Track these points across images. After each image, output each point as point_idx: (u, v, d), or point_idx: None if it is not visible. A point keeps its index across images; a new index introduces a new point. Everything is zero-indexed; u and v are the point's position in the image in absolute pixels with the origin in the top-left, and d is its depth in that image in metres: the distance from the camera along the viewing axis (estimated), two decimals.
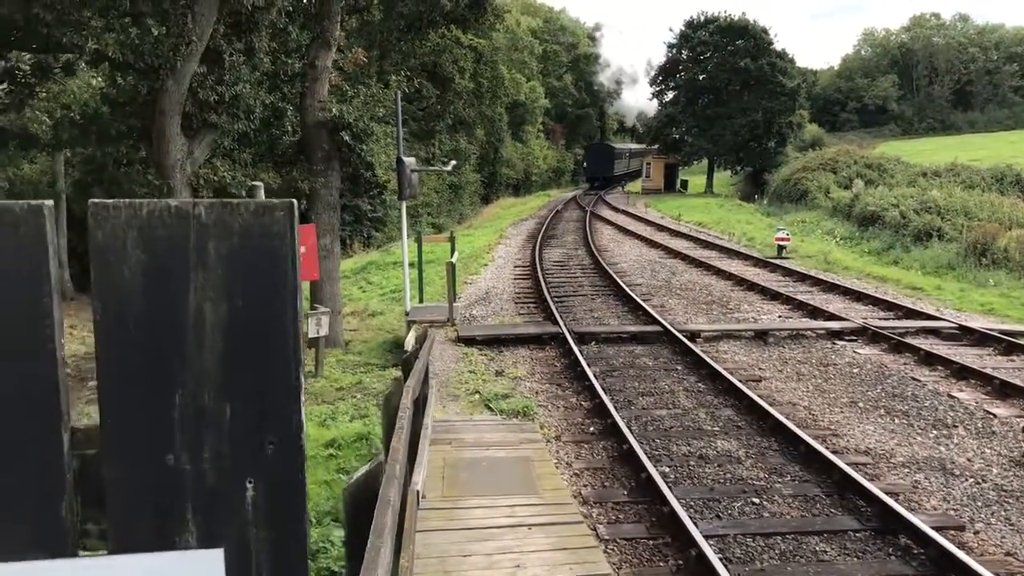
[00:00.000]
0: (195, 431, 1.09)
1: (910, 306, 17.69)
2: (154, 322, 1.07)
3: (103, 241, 1.04)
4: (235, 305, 1.08)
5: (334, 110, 16.67)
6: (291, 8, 17.71)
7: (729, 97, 64.34)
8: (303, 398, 1.12)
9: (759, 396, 11.18)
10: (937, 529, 7.16)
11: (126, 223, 1.04)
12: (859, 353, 14.10)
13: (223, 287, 1.07)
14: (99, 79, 20.19)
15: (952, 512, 7.96)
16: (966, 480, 8.73)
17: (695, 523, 7.29)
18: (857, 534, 7.40)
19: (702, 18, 67.61)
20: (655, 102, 75.48)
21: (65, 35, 12.61)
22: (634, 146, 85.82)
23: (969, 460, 9.32)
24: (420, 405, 6.67)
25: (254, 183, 7.72)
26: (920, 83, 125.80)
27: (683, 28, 68.63)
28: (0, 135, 16.36)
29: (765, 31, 64.30)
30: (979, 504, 8.13)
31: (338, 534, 7.29)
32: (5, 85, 15.71)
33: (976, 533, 7.53)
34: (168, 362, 1.07)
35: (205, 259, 1.07)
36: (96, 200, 1.05)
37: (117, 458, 1.08)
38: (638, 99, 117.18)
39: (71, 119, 15.98)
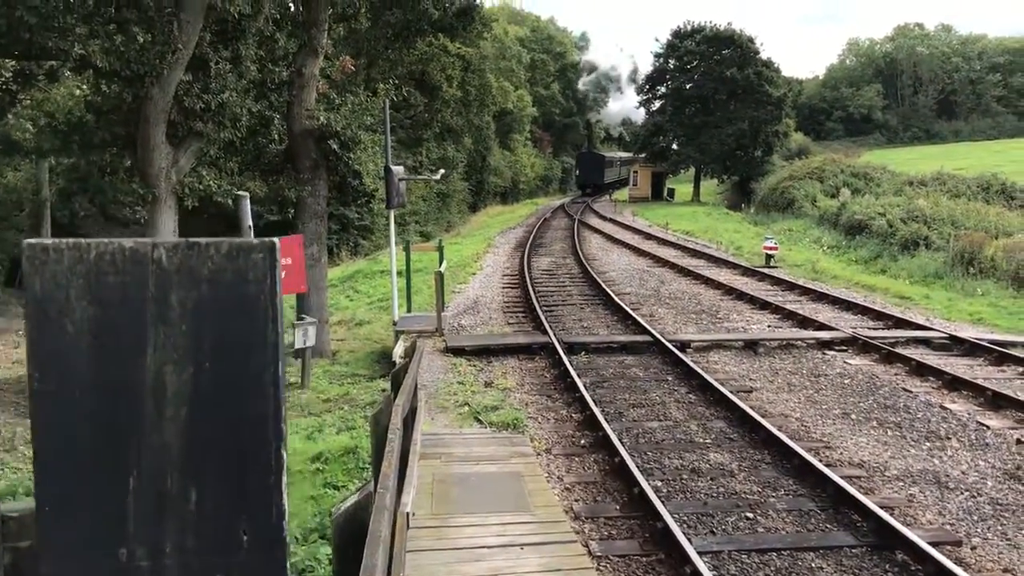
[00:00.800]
0: (154, 521, 0.88)
1: (899, 315, 17.66)
2: (104, 389, 0.86)
3: (42, 291, 0.84)
4: (202, 367, 0.88)
5: (321, 118, 16.54)
6: (278, 16, 17.58)
7: (716, 106, 64.47)
8: (285, 477, 0.90)
9: (751, 407, 11.09)
10: (934, 544, 7.07)
11: (70, 269, 0.83)
12: (850, 363, 14.04)
13: (188, 346, 0.87)
14: (83, 88, 19.99)
15: (948, 527, 7.87)
16: (961, 494, 8.65)
17: (689, 539, 7.17)
18: (853, 550, 7.29)
19: (689, 27, 67.73)
20: (641, 109, 75.83)
21: (50, 40, 12.44)
22: (624, 154, 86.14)
23: (963, 473, 9.24)
24: (409, 420, 6.54)
25: (239, 192, 7.58)
26: (904, 92, 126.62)
27: (670, 37, 68.75)
28: None
29: (751, 40, 64.48)
30: (975, 518, 8.05)
31: (325, 551, 7.14)
32: None
33: (973, 549, 7.44)
34: (121, 438, 0.86)
35: (166, 312, 0.87)
36: (32, 240, 0.85)
37: (56, 552, 0.87)
38: (624, 107, 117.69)
39: (54, 127, 15.78)
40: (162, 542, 0.87)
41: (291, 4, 18.94)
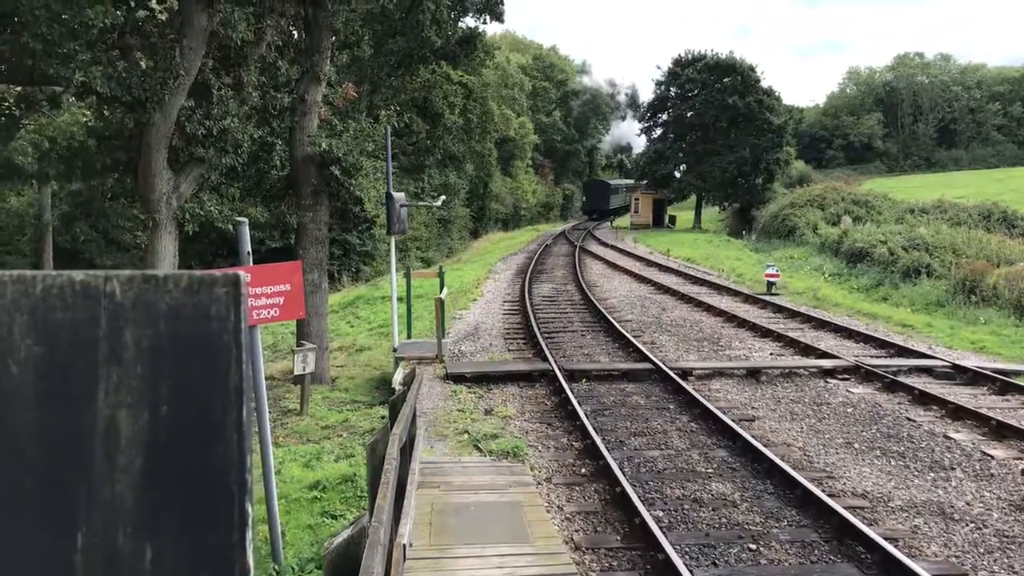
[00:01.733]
0: None
1: (902, 344, 17.58)
2: (50, 436, 0.79)
3: None
4: (159, 412, 0.80)
5: (323, 144, 16.55)
6: (280, 43, 17.65)
7: (717, 134, 64.69)
8: (250, 533, 0.82)
9: (753, 436, 10.98)
10: None
11: (14, 304, 0.77)
12: (853, 392, 13.94)
13: (144, 388, 0.80)
14: (87, 113, 20.06)
15: (954, 559, 7.75)
16: (966, 525, 8.53)
17: (691, 571, 7.07)
18: None
19: (690, 56, 68.18)
20: (641, 137, 76.50)
21: (52, 67, 12.47)
22: (628, 182, 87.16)
23: (968, 504, 9.13)
24: (407, 449, 6.46)
25: (239, 218, 7.53)
26: (905, 121, 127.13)
27: (671, 65, 69.19)
28: None
29: (752, 69, 64.82)
30: (981, 551, 7.93)
31: None
32: None
33: None
34: (69, 490, 0.79)
35: (120, 352, 0.79)
36: None
37: None
38: (624, 133, 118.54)
39: (57, 152, 15.80)
40: None
41: (293, 31, 19.04)
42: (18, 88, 16.08)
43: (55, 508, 0.79)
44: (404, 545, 4.42)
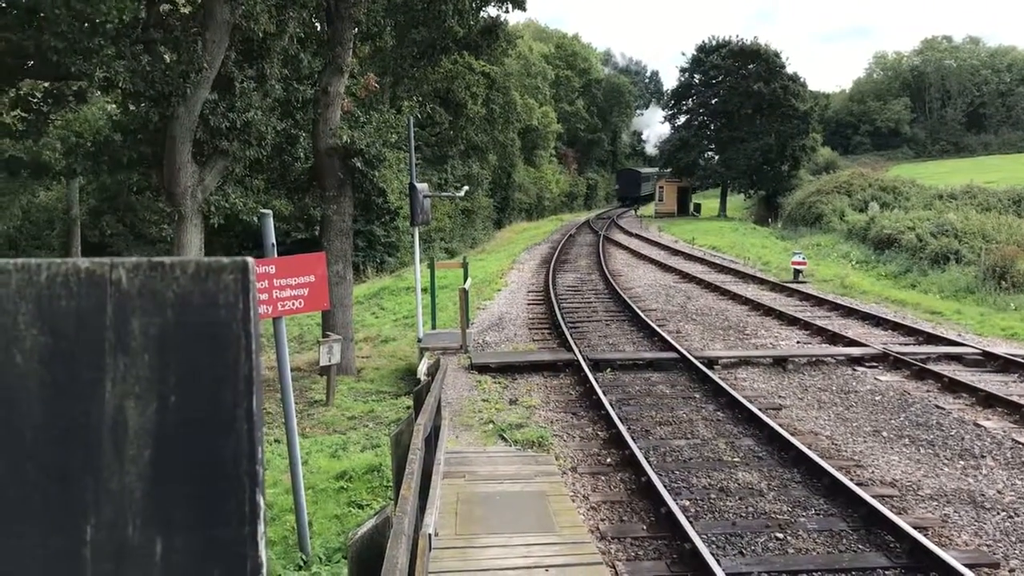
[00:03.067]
0: (114, 575, 0.78)
1: (930, 331, 17.38)
2: (57, 427, 0.77)
3: None
4: (168, 402, 0.78)
5: (346, 136, 16.58)
6: (303, 35, 17.68)
7: (742, 120, 64.23)
8: (263, 526, 0.80)
9: (780, 425, 10.91)
10: (970, 566, 6.87)
11: (18, 292, 0.75)
12: (880, 380, 13.81)
13: (152, 378, 0.78)
14: (114, 106, 20.23)
15: (985, 548, 7.66)
16: (998, 514, 8.42)
17: (718, 560, 7.03)
18: (887, 572, 7.11)
19: (714, 42, 67.70)
20: (665, 125, 76.36)
21: (75, 64, 12.56)
22: (658, 170, 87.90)
23: (999, 492, 9.01)
24: (432, 439, 6.47)
25: (263, 210, 7.55)
26: (933, 106, 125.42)
27: (695, 52, 68.75)
28: (12, 163, 16.32)
29: (777, 55, 64.25)
30: (1012, 539, 7.83)
31: (347, 572, 7.07)
32: (18, 112, 15.69)
33: (1012, 572, 7.22)
34: (76, 482, 0.77)
35: (127, 340, 0.77)
36: None
37: None
38: (647, 122, 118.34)
39: (82, 146, 15.94)
40: None
41: (316, 23, 19.06)
42: (45, 84, 16.25)
43: (63, 501, 0.78)
44: (429, 535, 4.43)
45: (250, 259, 0.77)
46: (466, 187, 24.72)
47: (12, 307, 0.76)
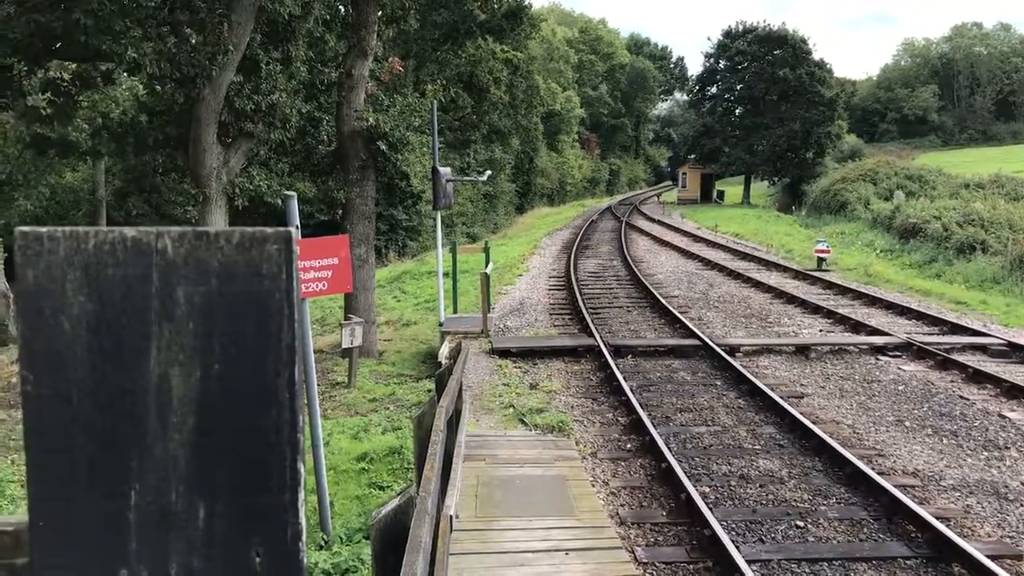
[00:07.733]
0: (158, 540, 0.80)
1: (955, 321, 17.22)
2: (103, 394, 0.78)
3: (35, 283, 0.76)
4: (212, 370, 0.79)
5: (370, 119, 16.59)
6: (328, 17, 17.69)
7: (767, 107, 63.73)
8: (302, 494, 0.82)
9: (801, 413, 10.86)
10: (993, 558, 6.83)
11: (66, 259, 0.76)
12: (904, 369, 13.71)
13: (196, 346, 0.79)
14: (140, 87, 20.35)
15: (1008, 540, 7.61)
16: (1021, 506, 8.36)
17: (737, 547, 7.02)
18: (908, 561, 7.08)
19: (740, 28, 67.13)
20: (673, 110, 76.01)
21: (104, 44, 12.62)
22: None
23: (1023, 484, 8.94)
24: (453, 422, 6.50)
25: (287, 192, 7.59)
26: (961, 93, 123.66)
27: (721, 38, 68.22)
28: (40, 142, 16.46)
29: (804, 40, 63.65)
30: None
31: (368, 552, 7.12)
32: (48, 94, 15.80)
33: None
34: (122, 448, 0.79)
35: (172, 308, 0.79)
36: (25, 228, 0.77)
37: (52, 571, 0.79)
38: (670, 108, 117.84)
39: (108, 128, 16.04)
40: (167, 563, 0.79)
41: (341, 6, 19.05)
42: (72, 66, 16.35)
43: (109, 466, 0.79)
44: (451, 516, 4.46)
45: (293, 229, 0.78)
46: (488, 172, 24.68)
47: (60, 274, 0.77)
